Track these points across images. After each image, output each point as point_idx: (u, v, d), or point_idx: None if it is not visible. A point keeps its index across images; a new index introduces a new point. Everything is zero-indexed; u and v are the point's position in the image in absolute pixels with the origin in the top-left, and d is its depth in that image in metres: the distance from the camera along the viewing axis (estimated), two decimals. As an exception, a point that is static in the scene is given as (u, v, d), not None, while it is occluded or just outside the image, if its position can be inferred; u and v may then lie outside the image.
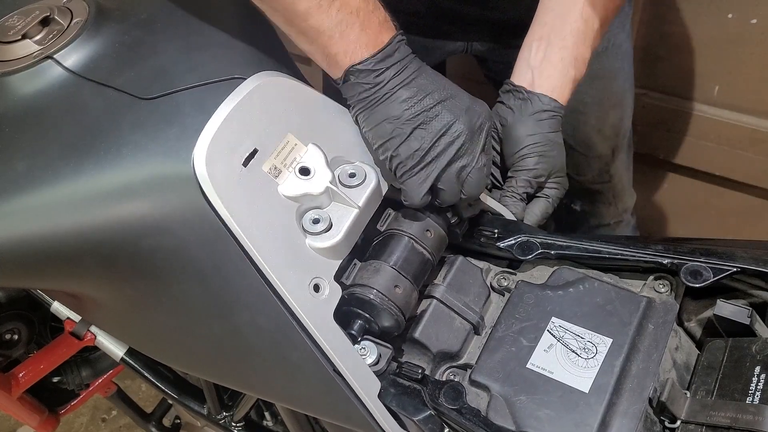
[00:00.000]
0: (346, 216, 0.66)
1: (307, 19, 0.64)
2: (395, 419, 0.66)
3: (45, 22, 0.68)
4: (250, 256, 0.61)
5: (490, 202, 0.78)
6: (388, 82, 0.65)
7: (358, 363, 0.65)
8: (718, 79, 1.38)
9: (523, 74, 0.84)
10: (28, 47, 0.67)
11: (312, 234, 0.64)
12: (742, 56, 1.32)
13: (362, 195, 0.66)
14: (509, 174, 0.83)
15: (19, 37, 0.67)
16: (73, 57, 0.67)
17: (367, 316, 0.67)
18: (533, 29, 0.85)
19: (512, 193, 0.81)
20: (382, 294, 0.66)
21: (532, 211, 0.82)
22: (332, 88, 0.70)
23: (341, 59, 0.65)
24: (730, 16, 1.28)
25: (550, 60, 0.82)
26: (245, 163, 0.61)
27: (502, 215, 0.78)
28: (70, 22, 0.69)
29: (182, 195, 0.60)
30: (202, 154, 0.59)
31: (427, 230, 0.71)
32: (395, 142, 0.66)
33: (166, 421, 1.38)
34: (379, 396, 0.65)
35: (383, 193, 0.70)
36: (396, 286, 0.67)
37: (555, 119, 0.82)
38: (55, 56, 0.67)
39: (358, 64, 0.65)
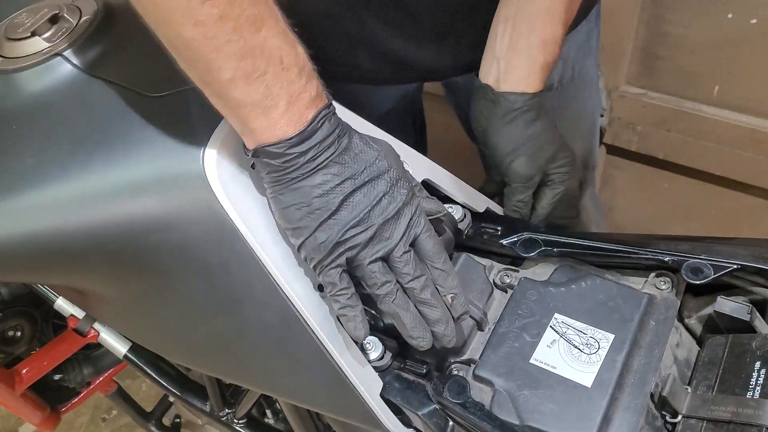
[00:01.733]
0: None
1: (229, 90, 0.54)
2: (399, 414, 0.67)
3: (54, 19, 0.69)
4: (257, 254, 0.61)
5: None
6: (301, 166, 0.57)
7: (360, 361, 0.65)
8: (718, 79, 1.39)
9: (489, 68, 0.79)
10: (37, 44, 0.68)
11: None
12: (742, 56, 1.33)
13: None
14: (506, 183, 0.82)
15: (28, 35, 0.68)
16: (81, 54, 0.67)
17: (374, 312, 0.68)
18: (500, 9, 0.79)
19: (514, 206, 0.79)
20: None
21: (539, 206, 0.80)
22: None
23: (258, 135, 0.56)
24: (730, 16, 1.29)
25: (516, 48, 0.77)
26: (254, 166, 0.62)
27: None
28: (78, 20, 0.69)
29: (191, 192, 0.61)
30: (213, 154, 0.59)
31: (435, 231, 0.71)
32: (303, 233, 0.59)
33: (166, 420, 1.38)
34: (383, 392, 0.66)
35: None
36: None
37: (528, 113, 0.78)
38: (64, 53, 0.67)
39: (270, 146, 0.56)
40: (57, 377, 1.16)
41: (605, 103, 1.50)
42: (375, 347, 0.68)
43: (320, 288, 0.64)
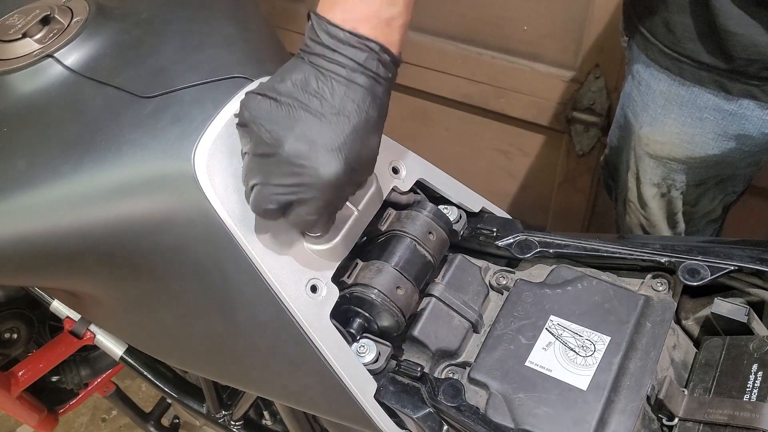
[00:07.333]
0: (345, 219, 0.66)
1: None
2: (394, 417, 0.67)
3: (45, 20, 0.69)
4: (249, 256, 0.61)
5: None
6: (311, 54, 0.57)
7: (354, 364, 0.65)
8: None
9: None
10: (29, 46, 0.68)
11: (310, 236, 0.64)
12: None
13: (361, 198, 0.67)
14: None
15: (20, 36, 0.68)
16: (73, 56, 0.67)
17: (367, 315, 0.68)
18: None
19: None
20: (383, 294, 0.66)
21: None
22: None
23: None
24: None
25: None
26: None
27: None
28: (70, 21, 0.69)
29: (182, 193, 0.61)
30: (203, 155, 0.59)
31: (430, 232, 0.71)
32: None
33: (165, 421, 1.38)
34: (378, 395, 0.66)
35: (383, 197, 0.70)
36: (398, 287, 0.67)
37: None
38: (55, 55, 0.67)
39: (319, 17, 0.57)
40: (54, 379, 1.16)
41: (605, 102, 1.50)
42: (369, 350, 0.67)
43: (313, 289, 0.63)
